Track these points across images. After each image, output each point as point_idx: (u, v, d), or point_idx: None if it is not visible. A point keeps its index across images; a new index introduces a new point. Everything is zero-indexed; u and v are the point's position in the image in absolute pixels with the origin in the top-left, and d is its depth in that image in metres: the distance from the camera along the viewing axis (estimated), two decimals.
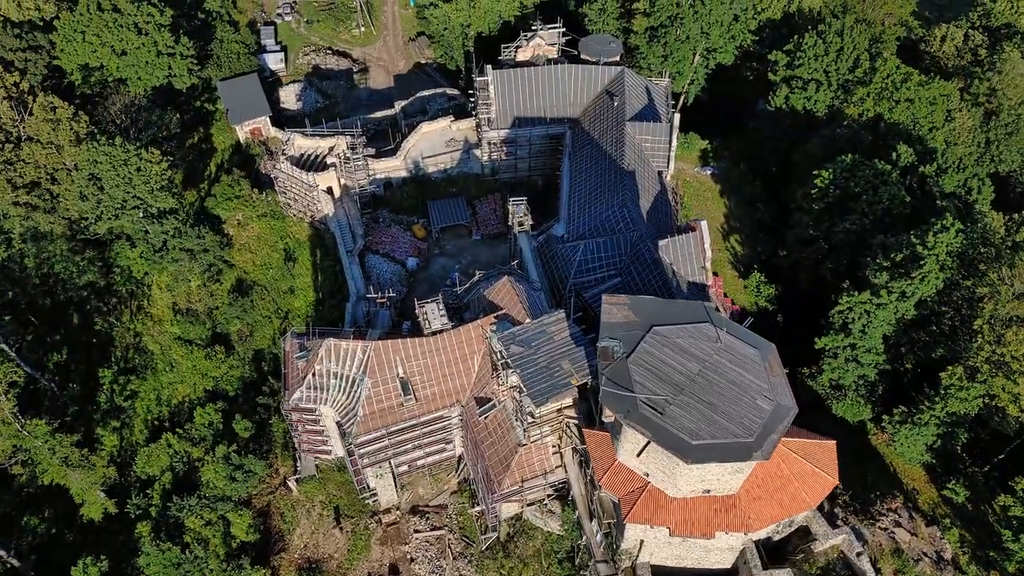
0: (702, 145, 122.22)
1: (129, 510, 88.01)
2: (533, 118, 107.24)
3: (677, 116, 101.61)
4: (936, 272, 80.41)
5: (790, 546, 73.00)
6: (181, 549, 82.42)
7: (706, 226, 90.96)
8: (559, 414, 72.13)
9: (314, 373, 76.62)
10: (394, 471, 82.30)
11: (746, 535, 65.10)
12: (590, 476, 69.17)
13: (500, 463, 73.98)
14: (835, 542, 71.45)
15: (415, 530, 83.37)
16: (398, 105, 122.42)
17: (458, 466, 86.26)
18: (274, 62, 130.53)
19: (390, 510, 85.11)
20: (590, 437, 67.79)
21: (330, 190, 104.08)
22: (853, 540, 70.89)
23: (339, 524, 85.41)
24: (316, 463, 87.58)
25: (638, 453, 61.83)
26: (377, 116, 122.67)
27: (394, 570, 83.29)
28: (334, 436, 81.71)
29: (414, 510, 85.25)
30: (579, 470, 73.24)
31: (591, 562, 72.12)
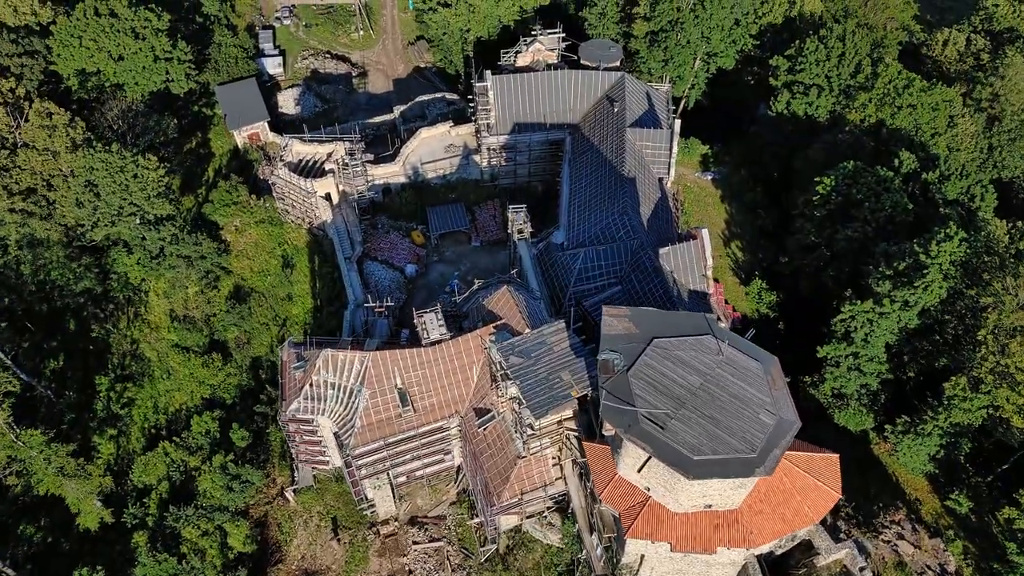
0: (703, 150, 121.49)
1: (126, 520, 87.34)
2: (533, 124, 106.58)
3: (678, 122, 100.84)
4: (939, 281, 79.77)
5: (792, 560, 72.36)
6: (178, 560, 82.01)
7: (707, 234, 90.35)
8: (559, 426, 71.40)
9: (311, 384, 75.89)
10: (392, 482, 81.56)
11: (748, 550, 64.41)
12: (590, 489, 68.44)
13: (499, 475, 73.25)
14: (838, 556, 70.81)
15: (413, 541, 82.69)
16: (397, 110, 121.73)
17: (457, 476, 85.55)
18: (272, 66, 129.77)
19: (388, 521, 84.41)
20: (590, 450, 67.04)
21: (328, 196, 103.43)
22: (856, 555, 70.26)
23: (337, 535, 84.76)
24: (314, 473, 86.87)
25: (639, 469, 61.10)
26: (376, 121, 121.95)
27: None
28: (332, 447, 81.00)
29: (412, 521, 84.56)
30: (579, 482, 72.51)
31: None
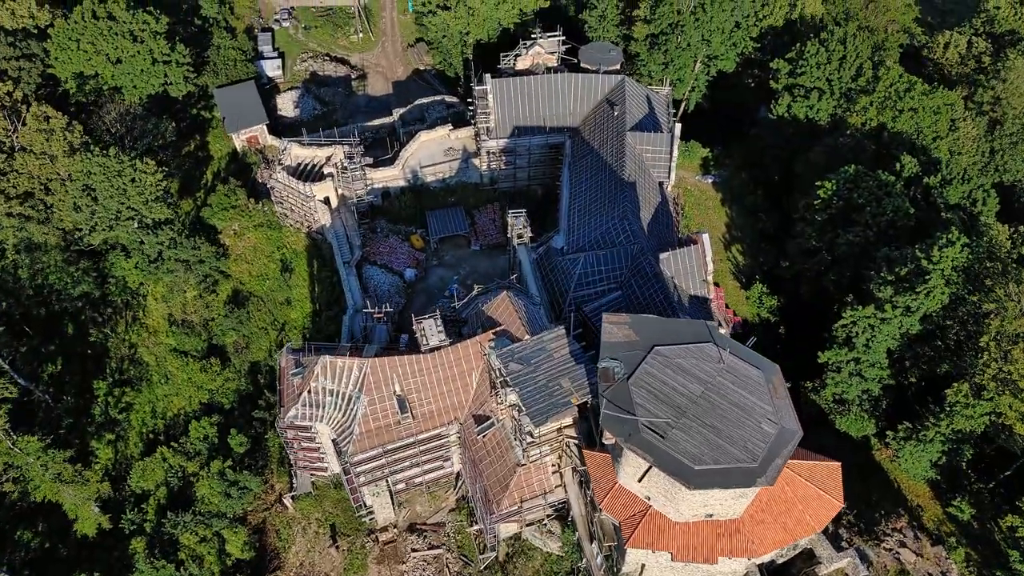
0: (703, 153, 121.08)
1: (123, 525, 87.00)
2: (532, 127, 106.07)
3: (678, 126, 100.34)
4: (941, 287, 79.34)
5: (794, 569, 71.80)
6: (175, 566, 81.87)
7: (708, 239, 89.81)
8: (559, 434, 70.91)
9: (310, 390, 75.38)
10: (391, 489, 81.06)
11: (749, 560, 63.96)
12: (590, 497, 67.97)
13: (498, 483, 72.76)
14: (840, 565, 70.34)
15: (412, 549, 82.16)
16: (396, 113, 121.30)
17: (456, 483, 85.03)
18: (271, 69, 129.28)
19: (387, 528, 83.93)
20: (590, 459, 66.56)
21: (327, 200, 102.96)
22: (858, 563, 69.89)
23: (335, 542, 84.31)
24: (312, 480, 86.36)
25: (639, 478, 60.62)
26: (375, 124, 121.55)
27: None
28: (330, 453, 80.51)
29: (411, 528, 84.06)
30: (579, 490, 72.03)
31: None
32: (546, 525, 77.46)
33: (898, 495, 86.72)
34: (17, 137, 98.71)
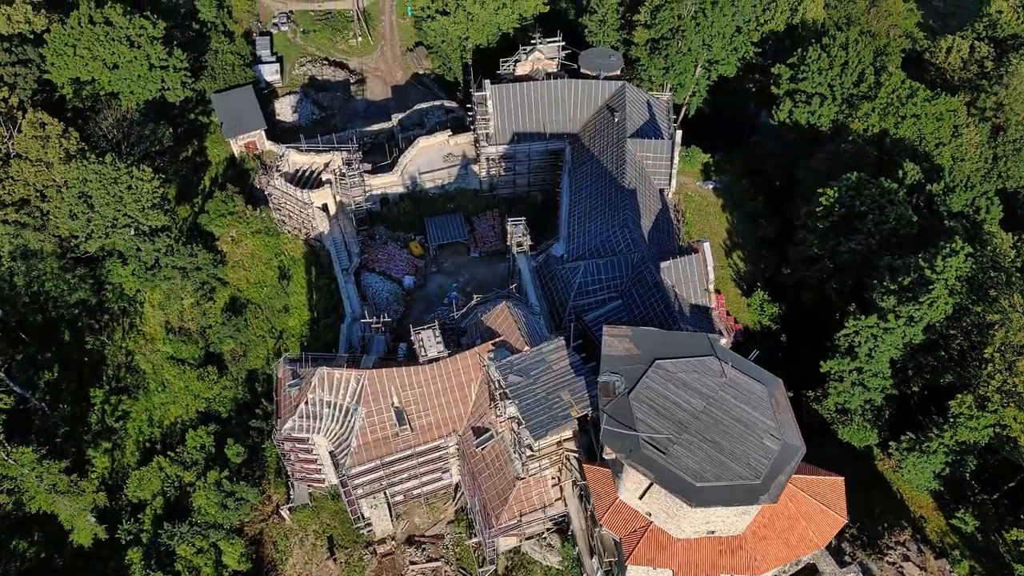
0: (704, 159, 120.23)
1: (120, 536, 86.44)
2: (532, 133, 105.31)
3: (679, 133, 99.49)
4: (945, 297, 78.63)
5: None
6: None
7: (709, 248, 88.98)
8: (558, 447, 70.11)
9: (307, 402, 74.55)
10: (389, 501, 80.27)
11: None
12: (591, 512, 67.19)
13: (497, 496, 71.95)
14: None
15: (411, 561, 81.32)
16: (395, 118, 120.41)
17: (455, 494, 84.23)
18: (270, 73, 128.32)
19: (385, 540, 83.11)
20: (591, 473, 65.77)
21: (325, 207, 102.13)
22: None
23: (333, 555, 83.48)
24: (310, 491, 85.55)
25: (640, 495, 59.84)
26: (374, 129, 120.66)
27: None
28: (327, 464, 79.73)
29: (410, 540, 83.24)
30: (579, 504, 71.23)
31: None
32: (546, 539, 76.70)
33: (901, 506, 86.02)
34: (13, 144, 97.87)
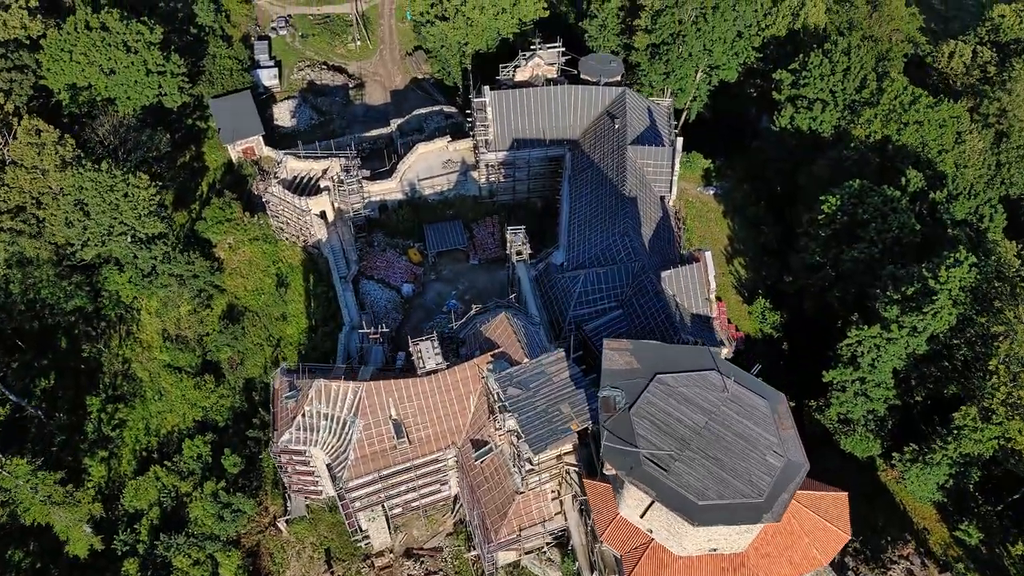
0: (705, 164, 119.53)
1: (116, 546, 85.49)
2: (532, 140, 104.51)
3: (680, 140, 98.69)
4: (949, 308, 77.83)
5: None
6: None
7: (710, 257, 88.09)
8: (558, 461, 69.25)
9: (304, 414, 73.71)
10: (387, 513, 79.43)
11: None
12: (591, 527, 66.36)
13: (497, 511, 71.07)
14: None
15: (409, 575, 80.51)
16: (394, 123, 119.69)
17: (454, 506, 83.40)
18: (268, 78, 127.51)
19: (383, 553, 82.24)
20: (591, 489, 64.89)
21: (323, 214, 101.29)
22: None
23: (330, 567, 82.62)
24: (307, 503, 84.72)
25: (642, 514, 58.99)
26: (372, 134, 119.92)
27: None
28: (325, 476, 78.83)
29: (408, 553, 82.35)
30: (579, 518, 70.36)
31: None
32: (545, 553, 75.86)
33: (904, 517, 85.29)
34: (8, 150, 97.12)
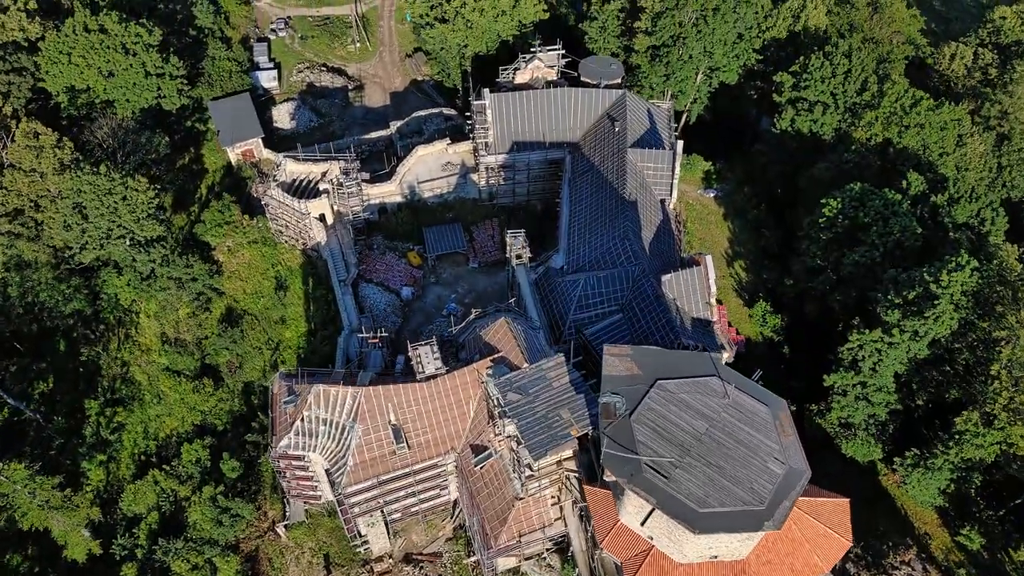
0: (705, 167, 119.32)
1: (115, 551, 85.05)
2: (532, 142, 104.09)
3: (680, 143, 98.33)
4: (950, 313, 77.51)
5: None
6: None
7: (711, 261, 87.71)
8: (558, 466, 68.90)
9: (302, 419, 73.40)
10: (386, 518, 79.07)
11: None
12: (591, 533, 66.03)
13: (496, 516, 70.70)
14: None
15: None
16: (394, 126, 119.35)
17: (453, 511, 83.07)
18: (267, 80, 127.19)
19: (382, 558, 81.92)
20: (591, 495, 64.55)
21: (323, 217, 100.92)
22: None
23: (329, 573, 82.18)
24: (306, 508, 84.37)
25: (642, 522, 58.66)
26: (372, 137, 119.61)
27: None
28: (324, 481, 78.49)
29: (407, 558, 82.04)
30: (580, 524, 70.00)
31: None
32: (545, 559, 75.58)
33: (905, 522, 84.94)
34: (6, 154, 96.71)
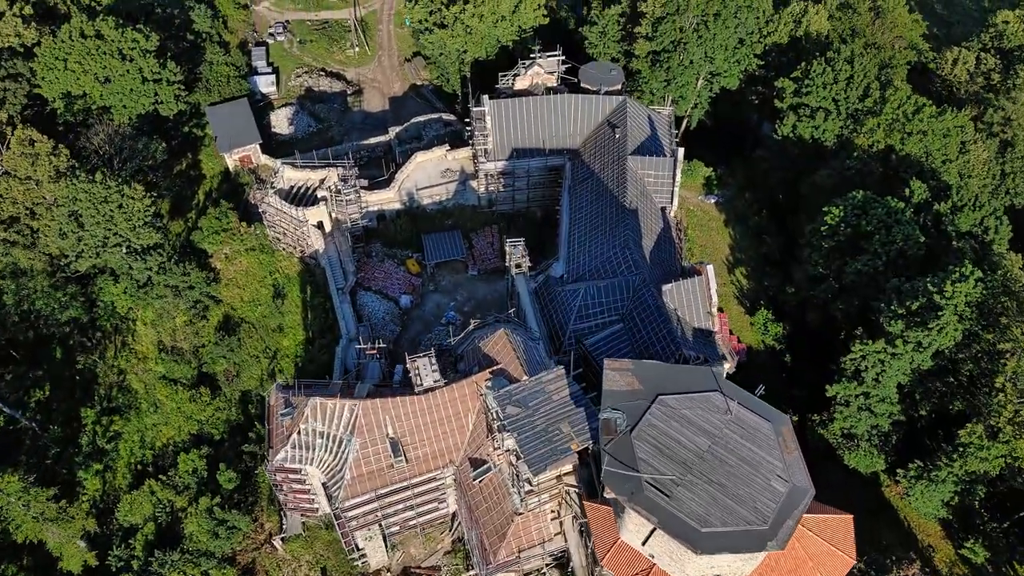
0: (706, 173, 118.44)
1: (110, 562, 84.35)
2: (531, 149, 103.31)
3: (681, 150, 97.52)
4: (954, 324, 76.74)
5: None
6: None
7: (712, 270, 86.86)
8: (558, 481, 68.09)
9: (299, 432, 72.62)
10: (384, 532, 78.25)
11: None
12: (591, 549, 65.20)
13: (495, 532, 69.89)
14: None
15: None
16: (392, 131, 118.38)
17: (452, 523, 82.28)
18: (265, 85, 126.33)
19: (380, 572, 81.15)
20: (591, 511, 63.73)
21: (321, 225, 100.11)
22: None
23: None
24: (303, 520, 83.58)
25: (644, 541, 57.85)
26: (371, 142, 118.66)
27: None
28: (321, 494, 77.72)
29: (406, 572, 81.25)
30: (580, 540, 69.17)
31: None
32: (545, 574, 74.74)
33: (909, 534, 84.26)
34: (1, 161, 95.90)
